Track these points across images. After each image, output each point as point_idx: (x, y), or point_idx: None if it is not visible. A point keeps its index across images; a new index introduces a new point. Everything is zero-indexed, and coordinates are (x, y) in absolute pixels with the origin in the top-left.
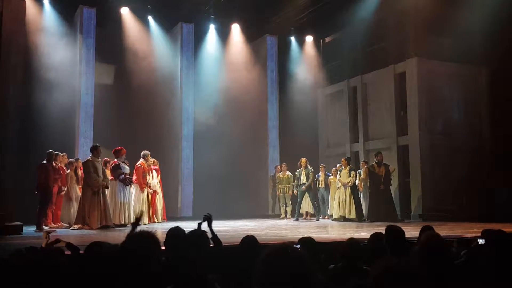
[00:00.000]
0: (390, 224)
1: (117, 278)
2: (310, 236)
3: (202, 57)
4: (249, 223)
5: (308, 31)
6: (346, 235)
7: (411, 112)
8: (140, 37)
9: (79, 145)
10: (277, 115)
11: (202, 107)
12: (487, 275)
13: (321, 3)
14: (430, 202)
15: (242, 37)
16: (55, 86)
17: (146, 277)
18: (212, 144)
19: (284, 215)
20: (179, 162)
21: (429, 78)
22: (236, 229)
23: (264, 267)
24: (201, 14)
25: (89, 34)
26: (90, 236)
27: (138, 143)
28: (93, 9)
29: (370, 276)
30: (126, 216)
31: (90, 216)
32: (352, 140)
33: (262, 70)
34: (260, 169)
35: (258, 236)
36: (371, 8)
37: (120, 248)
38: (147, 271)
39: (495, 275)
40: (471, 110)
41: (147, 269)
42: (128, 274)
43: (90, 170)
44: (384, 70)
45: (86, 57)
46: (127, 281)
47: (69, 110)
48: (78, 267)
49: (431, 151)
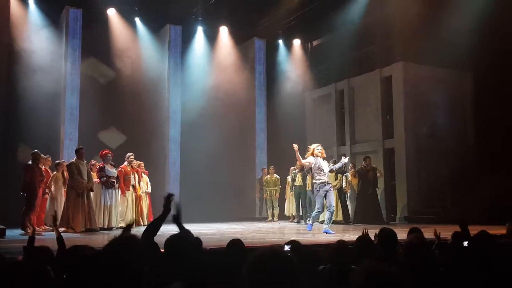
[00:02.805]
0: (383, 227)
1: (96, 282)
2: (295, 240)
3: (189, 59)
4: (236, 226)
5: (296, 34)
6: (332, 238)
7: (397, 116)
8: (127, 39)
9: (64, 147)
10: (264, 117)
11: (190, 109)
12: (470, 278)
13: (309, 7)
14: (416, 204)
15: (230, 40)
16: (40, 87)
17: (125, 282)
18: (199, 147)
19: (271, 218)
20: (166, 164)
21: (415, 82)
22: (223, 232)
23: (252, 270)
24: (189, 16)
25: (75, 35)
26: (74, 239)
27: (125, 146)
28: (79, 10)
29: (352, 281)
30: (112, 219)
31: (74, 219)
32: (339, 143)
33: (250, 73)
34: (247, 172)
35: (245, 239)
36: (358, 12)
37: (100, 251)
38: (127, 276)
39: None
40: (456, 114)
41: (126, 273)
42: (106, 278)
43: (74, 173)
44: (371, 74)
45: (71, 58)
46: (106, 285)
47: (54, 111)
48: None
49: (417, 154)
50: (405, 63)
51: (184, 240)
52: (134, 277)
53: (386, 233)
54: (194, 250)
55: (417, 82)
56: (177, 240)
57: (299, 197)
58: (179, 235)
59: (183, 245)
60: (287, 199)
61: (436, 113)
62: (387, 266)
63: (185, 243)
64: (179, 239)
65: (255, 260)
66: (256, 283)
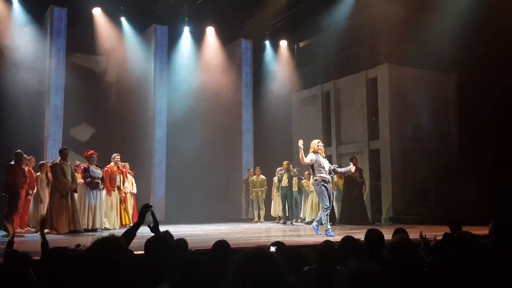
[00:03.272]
0: (371, 228)
1: (78, 284)
2: (280, 241)
3: (176, 59)
4: (222, 227)
5: (283, 35)
6: (318, 238)
7: (382, 117)
8: (113, 39)
9: (48, 148)
10: (251, 118)
11: (176, 109)
12: (454, 278)
13: (296, 8)
14: (400, 205)
15: (216, 40)
16: (23, 87)
17: (108, 283)
18: (185, 147)
19: (258, 219)
20: (152, 165)
21: (400, 84)
22: (209, 233)
23: (238, 271)
24: (176, 17)
25: (60, 34)
26: (57, 241)
27: (110, 146)
28: (64, 9)
29: (338, 281)
30: (96, 220)
31: (57, 220)
32: (325, 144)
33: (237, 74)
34: (234, 173)
35: (231, 241)
36: (344, 14)
37: (83, 253)
38: (109, 276)
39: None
40: (440, 115)
41: (110, 274)
42: (89, 279)
43: (58, 173)
44: (357, 76)
45: (56, 58)
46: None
47: (38, 111)
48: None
49: (402, 155)
50: (390, 65)
51: (164, 240)
52: (118, 278)
53: (374, 234)
54: (174, 252)
55: (402, 83)
56: (157, 241)
57: (285, 198)
58: (158, 236)
59: (163, 246)
60: (274, 200)
61: (421, 115)
62: (372, 266)
63: (165, 244)
64: (158, 239)
65: (241, 260)
66: (242, 284)
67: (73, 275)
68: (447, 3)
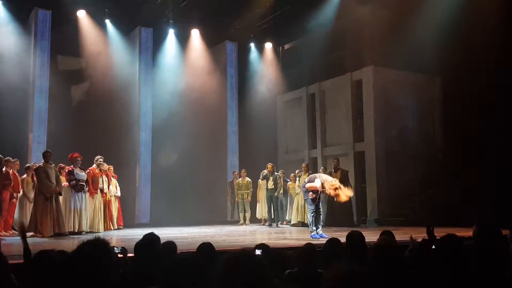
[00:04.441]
0: (352, 230)
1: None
2: (264, 243)
3: (161, 62)
4: (207, 229)
5: (268, 37)
6: (303, 241)
7: (367, 119)
8: (97, 41)
9: (32, 150)
10: (236, 121)
11: (161, 112)
12: (438, 280)
13: (281, 11)
14: (385, 207)
15: (201, 43)
16: (7, 89)
17: (94, 285)
18: (170, 150)
19: (243, 221)
20: (137, 168)
21: (385, 86)
22: (194, 235)
23: (223, 273)
24: (161, 19)
25: (44, 36)
26: (42, 244)
27: (95, 149)
28: (49, 11)
29: (323, 284)
30: (82, 223)
31: (42, 223)
32: (311, 146)
33: (222, 76)
34: (219, 175)
35: (216, 243)
36: (329, 16)
37: (70, 256)
38: (96, 279)
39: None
40: (425, 117)
41: (96, 278)
42: (76, 283)
43: (42, 176)
44: (342, 78)
45: (40, 60)
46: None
47: (22, 114)
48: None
49: (386, 157)
50: (375, 67)
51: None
52: (104, 281)
53: (354, 236)
54: (163, 254)
55: (387, 86)
56: (146, 243)
57: (270, 200)
58: (147, 237)
59: (152, 248)
60: (259, 202)
61: (405, 117)
62: (356, 268)
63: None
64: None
65: (226, 263)
66: (227, 286)
67: (59, 278)
68: (431, 5)
